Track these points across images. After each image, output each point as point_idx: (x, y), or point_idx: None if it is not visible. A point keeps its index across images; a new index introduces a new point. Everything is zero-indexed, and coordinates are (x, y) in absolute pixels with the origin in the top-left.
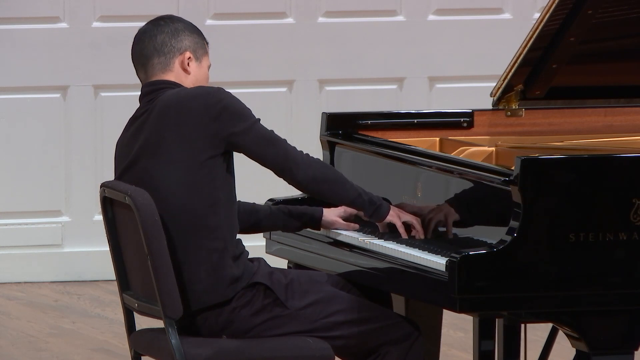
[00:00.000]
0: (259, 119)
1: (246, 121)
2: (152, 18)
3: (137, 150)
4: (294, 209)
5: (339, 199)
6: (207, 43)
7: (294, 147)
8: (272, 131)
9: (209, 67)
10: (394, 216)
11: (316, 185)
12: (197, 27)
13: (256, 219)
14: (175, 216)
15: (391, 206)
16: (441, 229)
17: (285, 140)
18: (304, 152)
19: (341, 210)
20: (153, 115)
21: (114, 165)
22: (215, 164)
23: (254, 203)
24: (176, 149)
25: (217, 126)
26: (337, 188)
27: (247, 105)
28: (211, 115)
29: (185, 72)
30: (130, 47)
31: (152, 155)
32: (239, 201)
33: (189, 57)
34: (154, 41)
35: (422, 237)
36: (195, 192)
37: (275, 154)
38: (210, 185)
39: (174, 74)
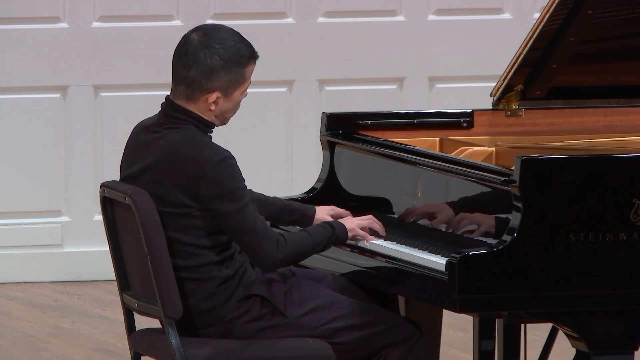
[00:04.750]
0: (248, 201)
1: (234, 203)
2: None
3: (138, 170)
4: (289, 205)
5: (310, 256)
6: (256, 58)
7: (270, 237)
8: (255, 219)
9: (244, 90)
10: (354, 229)
11: (284, 266)
12: (250, 52)
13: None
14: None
15: (343, 220)
16: (442, 227)
17: (262, 231)
18: (275, 237)
19: (329, 208)
20: (157, 149)
21: (120, 165)
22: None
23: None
24: (163, 192)
25: (203, 195)
26: (304, 256)
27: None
28: (200, 183)
29: (209, 110)
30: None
31: (149, 182)
32: None
33: (218, 97)
34: (187, 71)
35: (384, 234)
36: (179, 232)
37: (247, 243)
38: (193, 230)
39: (197, 107)
